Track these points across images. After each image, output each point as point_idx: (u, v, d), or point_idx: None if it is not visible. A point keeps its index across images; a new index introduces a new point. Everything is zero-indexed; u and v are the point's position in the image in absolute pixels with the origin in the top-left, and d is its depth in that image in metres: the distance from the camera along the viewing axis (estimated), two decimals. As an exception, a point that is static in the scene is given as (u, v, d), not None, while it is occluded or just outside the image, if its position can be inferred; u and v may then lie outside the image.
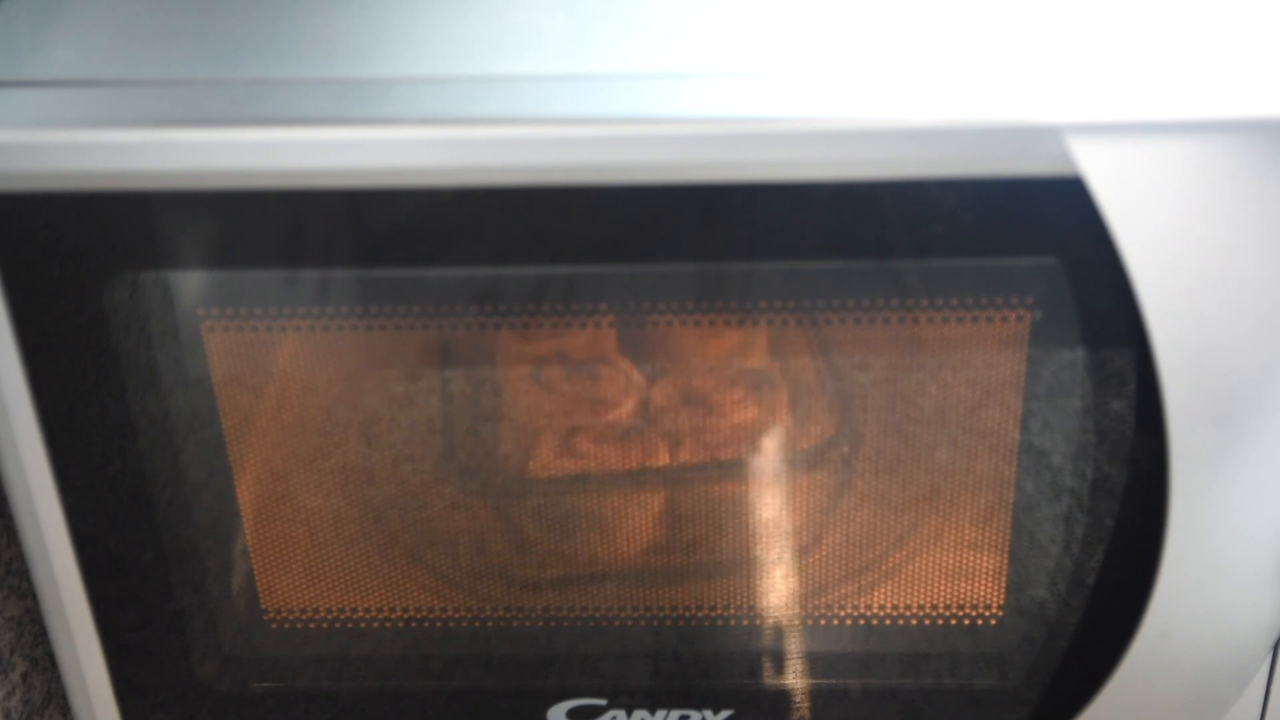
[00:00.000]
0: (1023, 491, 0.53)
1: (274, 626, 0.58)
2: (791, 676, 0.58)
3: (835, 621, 0.58)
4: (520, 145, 0.45)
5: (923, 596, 0.57)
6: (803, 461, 0.56)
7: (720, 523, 0.57)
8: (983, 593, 0.56)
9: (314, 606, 0.58)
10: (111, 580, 0.54)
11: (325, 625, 0.59)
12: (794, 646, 0.58)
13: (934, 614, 0.57)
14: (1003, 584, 0.56)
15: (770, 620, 0.57)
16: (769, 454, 0.56)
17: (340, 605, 0.58)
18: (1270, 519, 0.50)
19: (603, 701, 0.58)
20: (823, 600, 0.57)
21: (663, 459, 0.56)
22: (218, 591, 0.56)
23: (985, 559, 0.56)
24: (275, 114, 0.45)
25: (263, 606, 0.58)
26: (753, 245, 0.47)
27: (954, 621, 0.57)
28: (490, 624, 0.58)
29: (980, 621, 0.57)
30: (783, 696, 0.58)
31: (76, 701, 0.57)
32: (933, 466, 0.54)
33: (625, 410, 0.56)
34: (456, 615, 0.58)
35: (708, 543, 0.57)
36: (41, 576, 0.53)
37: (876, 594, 0.57)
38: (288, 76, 0.47)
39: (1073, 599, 0.53)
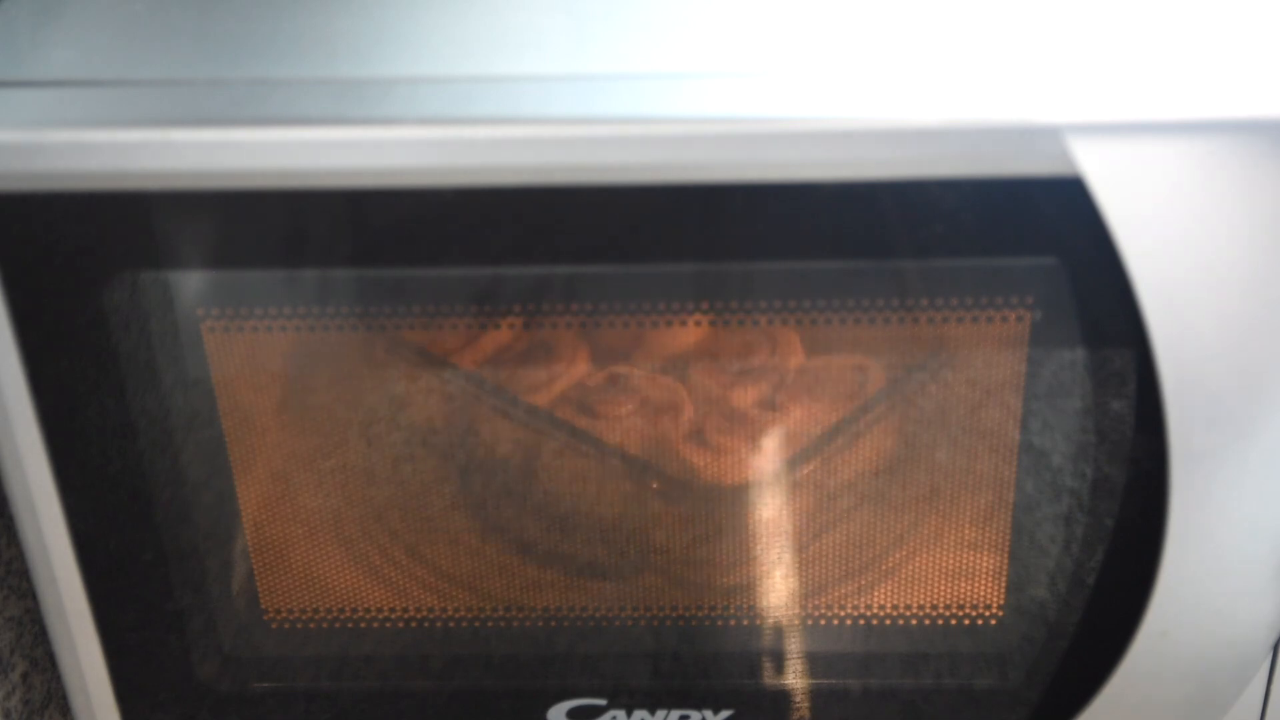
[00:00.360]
0: (1023, 491, 0.53)
1: (274, 626, 0.58)
2: (791, 676, 0.58)
3: (835, 621, 0.58)
4: (520, 145, 0.45)
5: (923, 596, 0.57)
6: (802, 462, 0.56)
7: (720, 522, 0.57)
8: (983, 593, 0.56)
9: (314, 606, 0.58)
10: (111, 580, 0.54)
11: (325, 625, 0.59)
12: (794, 646, 0.58)
13: (934, 614, 0.57)
14: (1003, 584, 0.56)
15: (770, 620, 0.57)
16: (768, 454, 0.56)
17: (340, 605, 0.58)
18: (1270, 519, 0.50)
19: (603, 701, 0.58)
20: (822, 600, 0.57)
21: (663, 457, 0.56)
22: (218, 591, 0.56)
23: (985, 559, 0.56)
24: (275, 114, 0.45)
25: (263, 606, 0.58)
26: (753, 245, 0.47)
27: (954, 621, 0.57)
28: (490, 624, 0.58)
29: (980, 621, 0.57)
30: (783, 696, 0.58)
31: (76, 701, 0.57)
32: (933, 466, 0.54)
33: (625, 409, 0.56)
34: (457, 615, 0.58)
35: (707, 542, 0.57)
36: (41, 576, 0.53)
37: (876, 594, 0.57)
38: (288, 76, 0.47)
39: (1073, 599, 0.53)
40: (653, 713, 0.58)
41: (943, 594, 0.57)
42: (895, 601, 0.57)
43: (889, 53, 0.48)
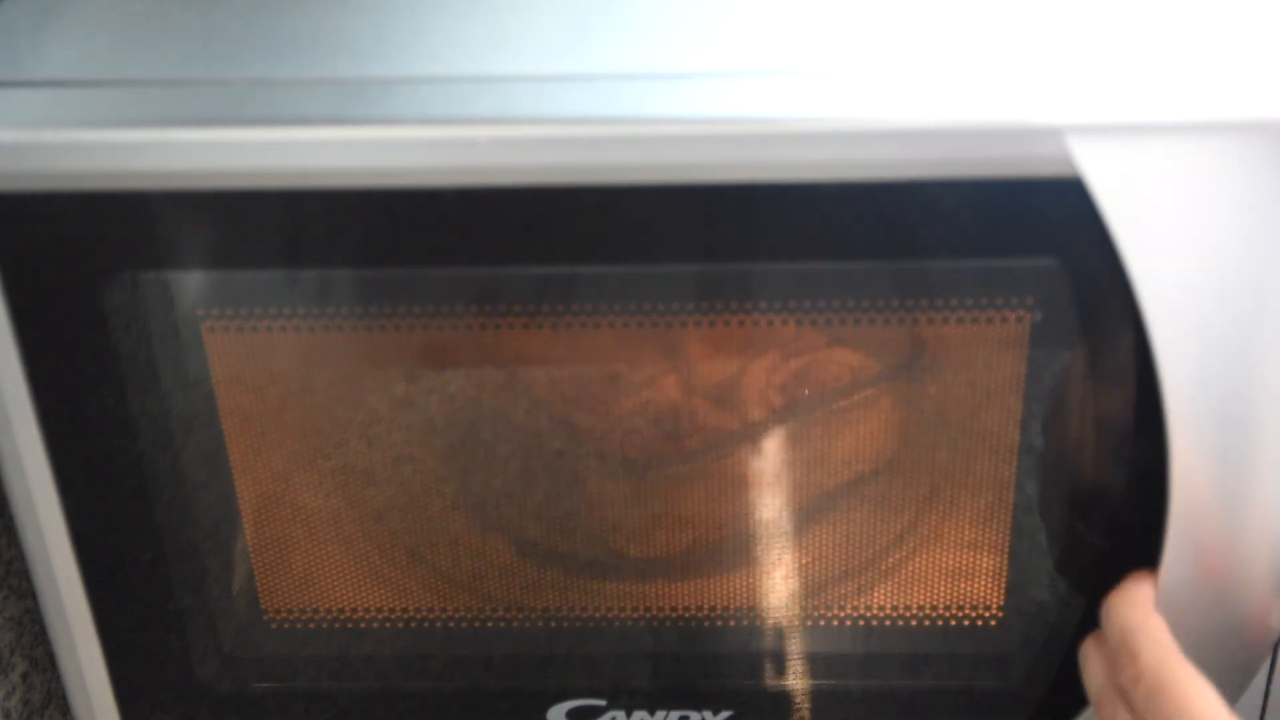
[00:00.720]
0: (1023, 492, 0.53)
1: (274, 626, 0.58)
2: (791, 677, 0.58)
3: (835, 622, 0.57)
4: (520, 145, 0.45)
5: (923, 597, 0.57)
6: (802, 462, 0.56)
7: (720, 523, 0.57)
8: (983, 593, 0.56)
9: (314, 606, 0.58)
10: (111, 580, 0.54)
11: (325, 625, 0.59)
12: (794, 647, 0.58)
13: (934, 615, 0.57)
14: (1003, 585, 0.56)
15: (770, 621, 0.57)
16: (768, 454, 0.56)
17: (340, 605, 0.58)
18: (1270, 519, 0.50)
19: (602, 702, 0.58)
20: (822, 601, 0.57)
21: (664, 458, 0.56)
22: (218, 592, 0.56)
23: (985, 559, 0.56)
24: (275, 114, 0.45)
25: (262, 606, 0.58)
26: (752, 246, 0.47)
27: (954, 622, 0.57)
28: (490, 624, 0.58)
29: (981, 622, 0.57)
30: (783, 697, 0.58)
31: (76, 701, 0.57)
32: (933, 467, 0.54)
33: (626, 410, 0.56)
34: (457, 615, 0.58)
35: (708, 543, 0.57)
36: (41, 576, 0.53)
37: (876, 594, 0.57)
38: (288, 76, 0.47)
39: (1073, 600, 0.53)
40: (652, 713, 0.58)
41: (943, 595, 0.57)
42: (895, 602, 0.57)
43: (888, 54, 0.48)
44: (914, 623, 0.57)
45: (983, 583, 0.56)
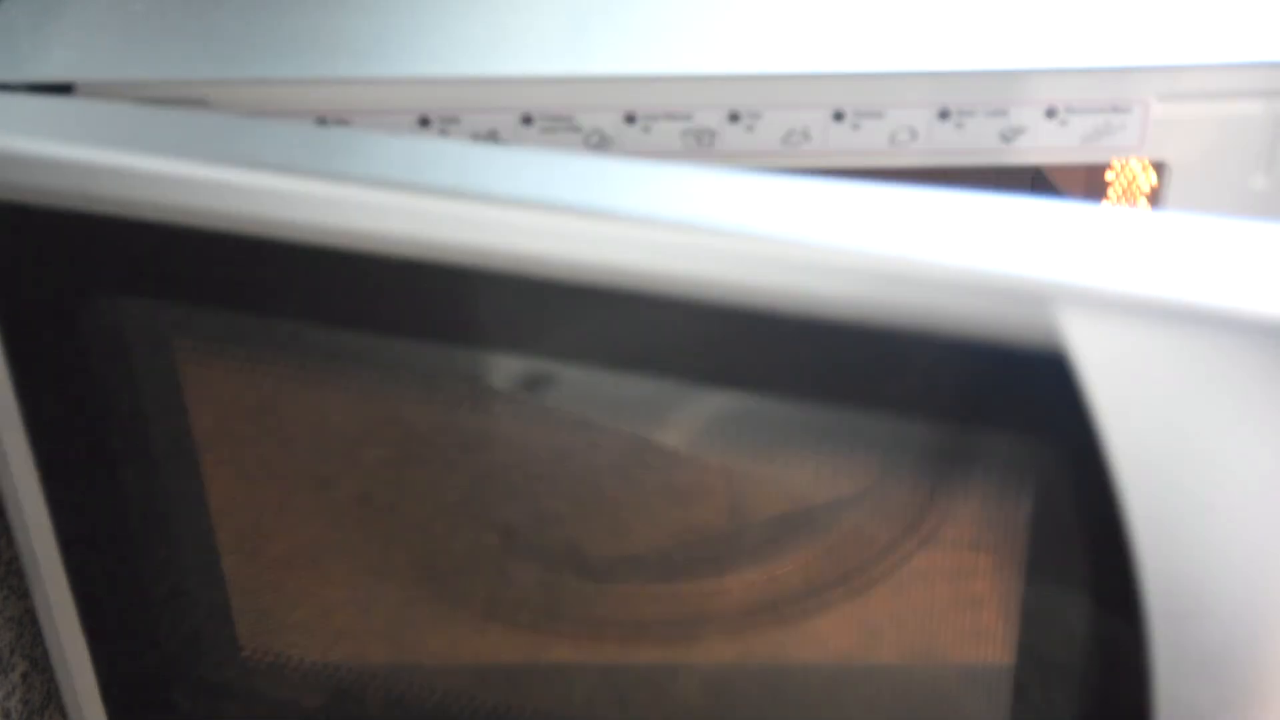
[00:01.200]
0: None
1: (254, 658, 0.57)
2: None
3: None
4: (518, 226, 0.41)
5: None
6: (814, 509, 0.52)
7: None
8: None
9: (294, 638, 0.57)
10: (99, 604, 0.53)
11: (309, 656, 0.57)
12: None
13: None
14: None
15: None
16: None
17: (321, 635, 0.57)
18: None
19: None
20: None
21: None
22: (200, 617, 0.55)
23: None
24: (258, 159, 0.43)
25: (242, 636, 0.57)
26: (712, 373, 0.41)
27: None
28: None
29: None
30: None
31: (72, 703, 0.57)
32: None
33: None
34: (447, 655, 0.57)
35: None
36: (35, 582, 0.53)
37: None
38: (288, 76, 0.47)
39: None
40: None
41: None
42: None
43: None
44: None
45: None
